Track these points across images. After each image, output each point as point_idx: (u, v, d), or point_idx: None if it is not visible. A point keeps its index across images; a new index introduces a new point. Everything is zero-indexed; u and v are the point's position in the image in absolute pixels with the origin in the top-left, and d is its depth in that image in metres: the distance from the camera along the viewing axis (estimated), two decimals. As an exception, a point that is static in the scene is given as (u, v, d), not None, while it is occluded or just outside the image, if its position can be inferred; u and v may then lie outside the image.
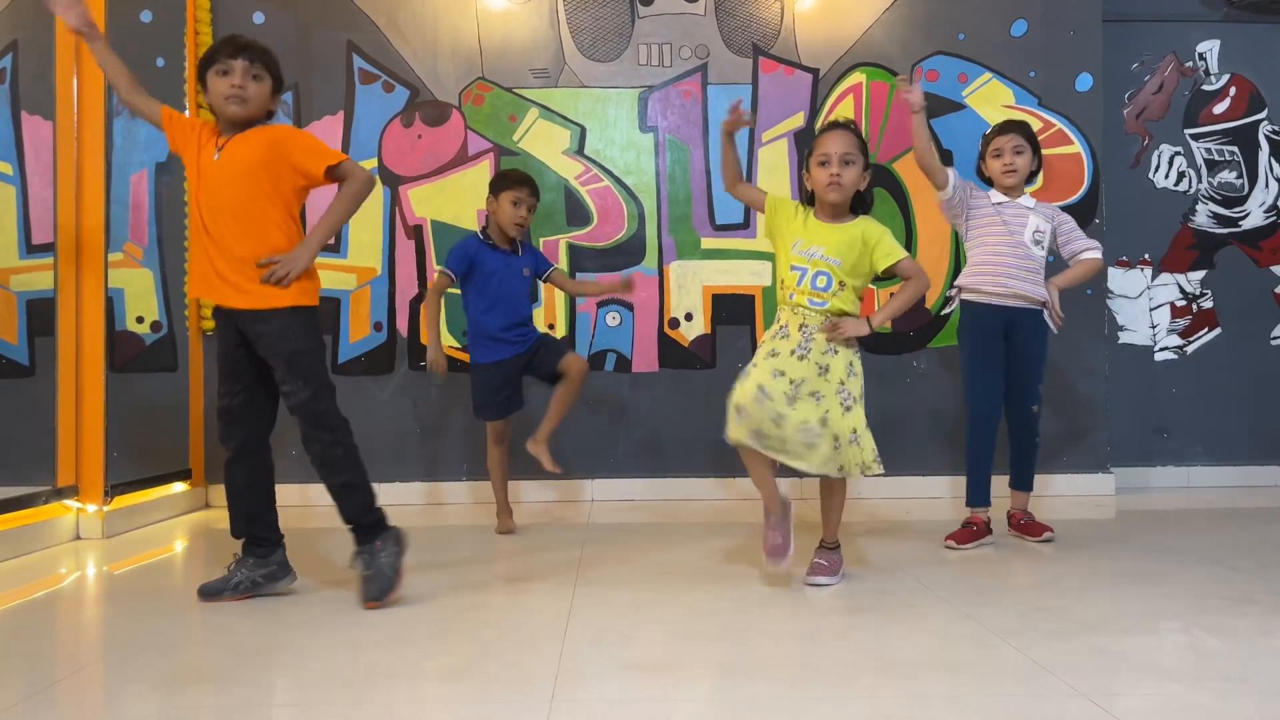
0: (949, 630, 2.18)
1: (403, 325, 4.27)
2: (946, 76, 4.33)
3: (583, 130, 4.32)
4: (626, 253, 4.28)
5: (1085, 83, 4.33)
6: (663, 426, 4.29)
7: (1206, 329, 4.65)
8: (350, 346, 4.27)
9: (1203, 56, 4.65)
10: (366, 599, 2.38)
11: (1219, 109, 4.64)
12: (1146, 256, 4.64)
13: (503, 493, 3.55)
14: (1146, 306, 4.65)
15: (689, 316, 4.31)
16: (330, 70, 4.29)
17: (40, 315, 3.66)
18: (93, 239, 3.49)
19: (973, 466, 3.25)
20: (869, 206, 2.72)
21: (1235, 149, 4.64)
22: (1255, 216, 4.65)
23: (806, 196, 2.71)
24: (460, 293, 3.51)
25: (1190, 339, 4.65)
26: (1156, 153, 4.64)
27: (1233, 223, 4.65)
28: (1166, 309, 4.65)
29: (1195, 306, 4.64)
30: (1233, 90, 4.65)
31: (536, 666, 1.93)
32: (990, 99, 4.32)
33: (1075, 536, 3.28)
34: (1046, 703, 1.72)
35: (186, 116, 2.61)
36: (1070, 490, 4.23)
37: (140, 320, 4.03)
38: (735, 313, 4.30)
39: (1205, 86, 4.65)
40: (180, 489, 4.00)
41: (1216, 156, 4.64)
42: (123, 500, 3.56)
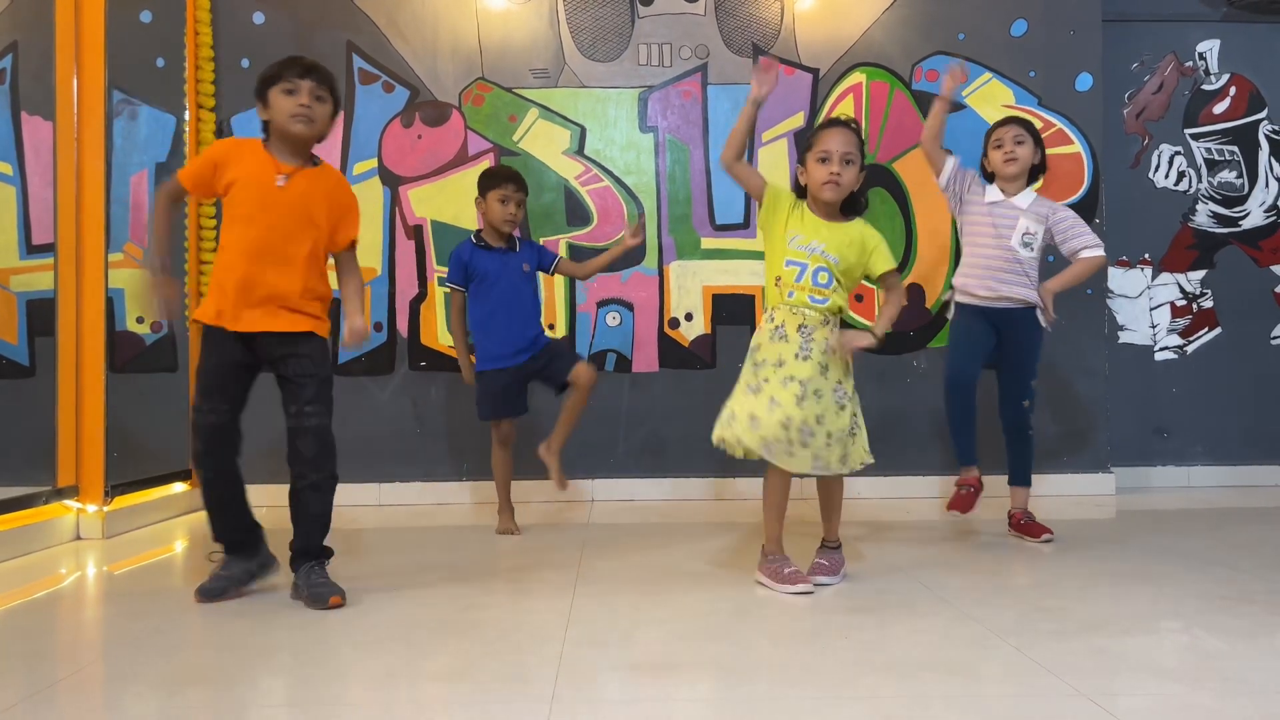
0: (949, 630, 2.18)
1: (403, 325, 4.27)
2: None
3: (583, 130, 4.32)
4: (626, 252, 4.27)
5: (1085, 82, 4.33)
6: (663, 426, 4.29)
7: (1206, 329, 4.65)
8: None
9: (1203, 56, 4.65)
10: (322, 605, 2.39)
11: (1219, 109, 4.64)
12: (1146, 256, 4.64)
13: (505, 493, 3.55)
14: (1146, 306, 4.65)
15: (689, 316, 4.31)
16: (330, 70, 4.27)
17: (40, 315, 3.66)
18: (93, 239, 3.48)
19: (954, 426, 3.29)
20: (862, 209, 2.67)
21: (1235, 149, 4.64)
22: (1255, 216, 4.65)
23: (798, 190, 2.66)
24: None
25: (1190, 339, 4.65)
26: (1156, 152, 4.64)
27: (1233, 222, 4.65)
28: (1166, 309, 4.65)
29: (1195, 306, 4.64)
30: (1233, 90, 4.65)
31: (536, 666, 1.93)
32: (990, 99, 4.31)
33: (1075, 536, 3.28)
34: (1046, 703, 1.72)
35: (200, 159, 2.58)
36: (1070, 490, 4.22)
37: (140, 320, 4.03)
38: (735, 313, 4.30)
39: (1205, 86, 4.65)
40: (180, 489, 4.00)
41: (1216, 156, 4.63)
42: (123, 500, 3.56)
